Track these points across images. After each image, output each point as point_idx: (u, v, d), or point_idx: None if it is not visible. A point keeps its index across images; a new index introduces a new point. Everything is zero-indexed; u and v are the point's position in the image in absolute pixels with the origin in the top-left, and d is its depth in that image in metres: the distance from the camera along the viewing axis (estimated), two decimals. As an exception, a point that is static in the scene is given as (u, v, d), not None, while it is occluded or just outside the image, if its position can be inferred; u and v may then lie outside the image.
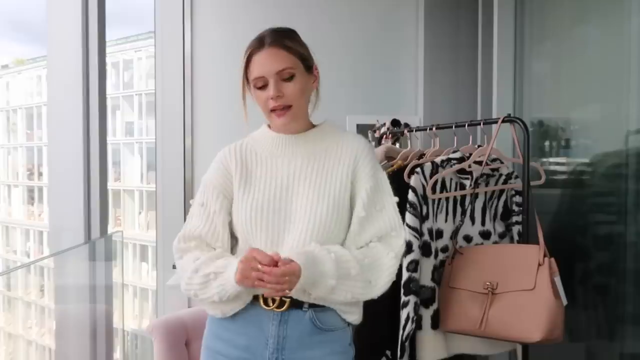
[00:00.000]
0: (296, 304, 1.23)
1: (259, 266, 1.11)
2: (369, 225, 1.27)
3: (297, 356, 1.24)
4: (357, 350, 1.34)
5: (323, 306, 1.25)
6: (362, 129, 2.50)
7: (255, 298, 1.25)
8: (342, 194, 1.26)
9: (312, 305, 1.24)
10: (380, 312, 1.67)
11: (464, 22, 2.63)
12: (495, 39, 2.31)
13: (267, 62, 1.23)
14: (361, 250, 1.26)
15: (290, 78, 1.24)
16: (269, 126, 1.34)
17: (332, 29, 2.63)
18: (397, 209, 1.31)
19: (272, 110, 1.25)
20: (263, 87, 1.25)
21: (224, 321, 1.28)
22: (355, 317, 1.31)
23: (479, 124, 1.78)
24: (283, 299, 1.23)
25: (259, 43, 1.25)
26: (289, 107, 1.25)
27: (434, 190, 1.70)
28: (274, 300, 1.23)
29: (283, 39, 1.26)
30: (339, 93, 2.54)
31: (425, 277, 1.69)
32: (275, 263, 1.12)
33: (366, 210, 1.26)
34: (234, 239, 1.33)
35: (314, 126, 1.34)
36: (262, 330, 1.24)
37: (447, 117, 2.31)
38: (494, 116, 2.23)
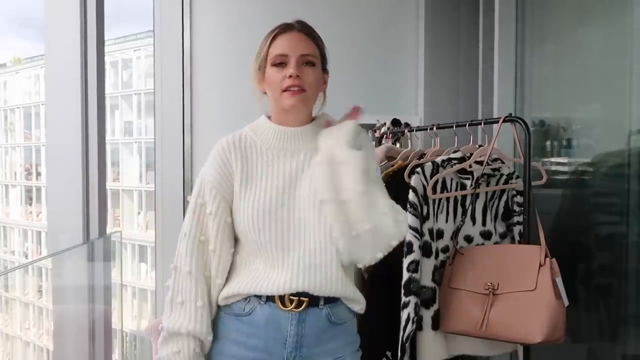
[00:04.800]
0: (313, 303, 1.23)
1: None
2: None
3: (314, 351, 1.24)
4: (357, 350, 1.34)
5: (336, 301, 1.25)
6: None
7: (271, 299, 1.22)
8: None
9: (327, 302, 1.24)
10: (381, 312, 1.66)
11: (464, 21, 2.63)
12: (496, 38, 2.30)
13: (293, 43, 1.24)
14: None
15: (311, 65, 1.25)
16: (269, 117, 1.31)
17: (332, 29, 2.60)
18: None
19: (285, 90, 1.22)
20: (280, 65, 1.23)
21: (239, 325, 1.25)
22: (359, 306, 1.32)
23: (480, 124, 1.76)
24: (301, 299, 1.22)
25: (287, 27, 1.26)
26: (303, 90, 1.23)
27: (434, 191, 1.69)
28: (291, 301, 1.22)
29: (312, 30, 1.29)
30: (339, 93, 2.53)
31: (425, 278, 1.68)
32: None
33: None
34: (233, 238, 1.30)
35: (313, 120, 1.33)
36: (280, 331, 1.22)
37: (447, 116, 2.31)
38: (495, 116, 2.21)
